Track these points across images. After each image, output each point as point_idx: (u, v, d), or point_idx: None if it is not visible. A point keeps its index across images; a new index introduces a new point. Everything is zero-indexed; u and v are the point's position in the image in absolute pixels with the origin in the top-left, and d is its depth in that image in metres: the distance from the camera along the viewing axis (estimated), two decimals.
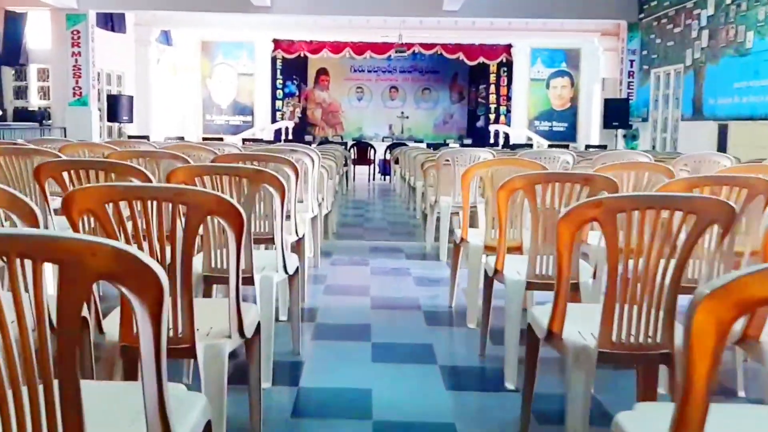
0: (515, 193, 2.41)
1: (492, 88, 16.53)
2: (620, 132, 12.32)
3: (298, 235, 3.28)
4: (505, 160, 3.29)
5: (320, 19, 13.54)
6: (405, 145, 11.85)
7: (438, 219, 5.06)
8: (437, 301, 3.70)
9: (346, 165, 10.53)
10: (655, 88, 11.55)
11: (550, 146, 11.80)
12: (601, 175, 2.16)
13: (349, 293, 3.97)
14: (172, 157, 3.57)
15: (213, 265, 2.48)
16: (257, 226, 3.07)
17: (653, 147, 11.66)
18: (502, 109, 16.40)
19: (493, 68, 16.37)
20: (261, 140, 11.65)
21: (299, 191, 4.31)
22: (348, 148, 11.75)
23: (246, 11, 12.18)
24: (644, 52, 11.90)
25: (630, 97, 12.16)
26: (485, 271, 2.74)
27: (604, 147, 11.69)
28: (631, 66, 12.13)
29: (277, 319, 2.81)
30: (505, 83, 16.31)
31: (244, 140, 11.59)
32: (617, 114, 11.99)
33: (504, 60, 15.77)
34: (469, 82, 17.91)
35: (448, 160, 4.89)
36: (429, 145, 11.25)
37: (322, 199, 5.13)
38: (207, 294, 2.60)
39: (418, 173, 7.96)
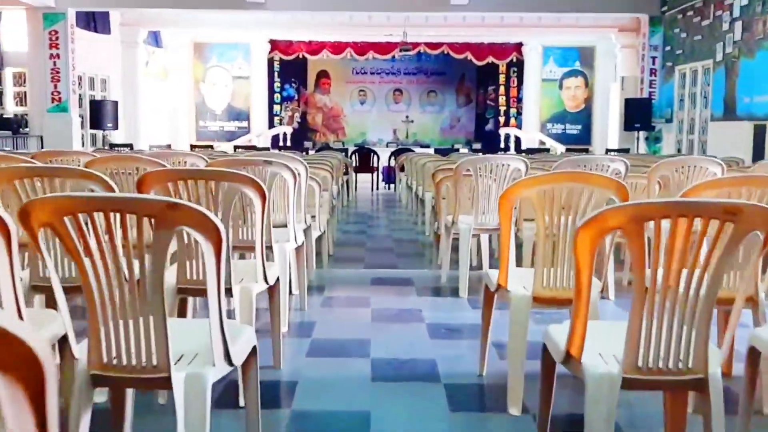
0: (607, 235, 1.55)
1: (501, 89, 15.68)
2: (642, 134, 11.45)
3: (268, 282, 2.43)
4: (563, 176, 2.41)
5: (319, 16, 12.74)
6: (410, 150, 11.02)
7: (456, 242, 4.19)
8: (461, 366, 2.73)
9: (346, 173, 9.69)
10: (680, 86, 10.69)
11: (568, 150, 10.93)
12: (752, 205, 1.30)
13: (340, 353, 2.93)
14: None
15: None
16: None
17: (678, 150, 10.79)
18: (513, 111, 15.54)
19: (502, 68, 15.53)
20: (255, 147, 10.83)
21: (277, 212, 3.47)
22: (349, 154, 10.92)
23: (239, 8, 11.38)
24: (667, 48, 11.04)
25: (652, 97, 11.30)
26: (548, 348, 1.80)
27: (625, 150, 10.82)
28: (653, 63, 11.27)
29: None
30: (515, 84, 15.46)
31: (236, 147, 10.78)
32: (639, 115, 11.13)
33: (514, 60, 14.94)
34: (476, 84, 17.07)
35: (468, 171, 4.03)
36: (437, 151, 10.42)
37: (313, 218, 4.29)
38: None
39: (426, 182, 7.13)
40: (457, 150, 10.64)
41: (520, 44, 14.65)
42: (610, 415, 1.50)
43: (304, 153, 9.56)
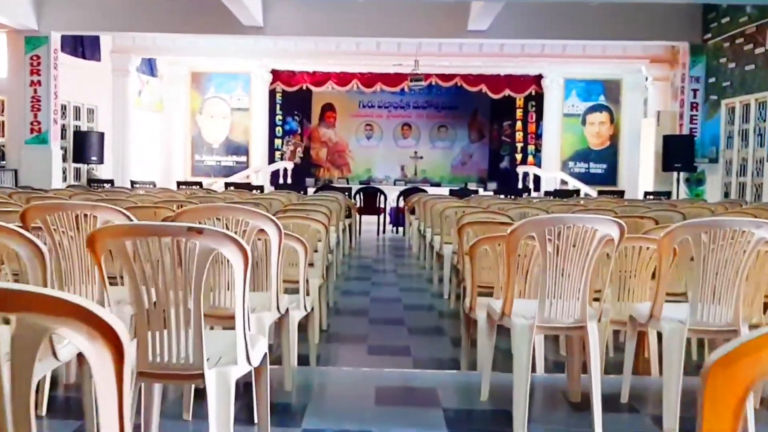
0: None
1: (518, 124, 14.38)
2: (682, 175, 10.04)
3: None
4: None
5: (323, 44, 11.55)
6: (421, 190, 9.65)
7: (500, 334, 2.72)
8: None
9: (349, 216, 8.29)
10: (727, 122, 9.32)
11: (600, 193, 9.51)
12: None
13: None
14: None
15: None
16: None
17: (725, 194, 9.36)
18: (531, 148, 14.21)
19: (519, 102, 14.26)
20: (248, 185, 9.51)
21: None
22: (353, 194, 9.54)
23: (236, 32, 10.20)
24: (711, 80, 9.72)
25: (694, 134, 9.93)
26: None
27: (666, 194, 9.40)
28: (695, 96, 9.94)
29: None
30: (534, 119, 14.16)
31: (227, 185, 9.45)
32: (679, 154, 9.73)
33: (533, 93, 13.68)
34: (490, 119, 15.80)
35: (532, 236, 2.61)
36: (452, 192, 9.01)
37: (294, 293, 2.91)
38: None
39: (445, 231, 5.73)
40: (475, 191, 9.24)
41: (540, 76, 13.41)
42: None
43: (301, 193, 8.20)
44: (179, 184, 9.75)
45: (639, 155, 12.21)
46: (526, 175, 13.53)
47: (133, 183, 9.83)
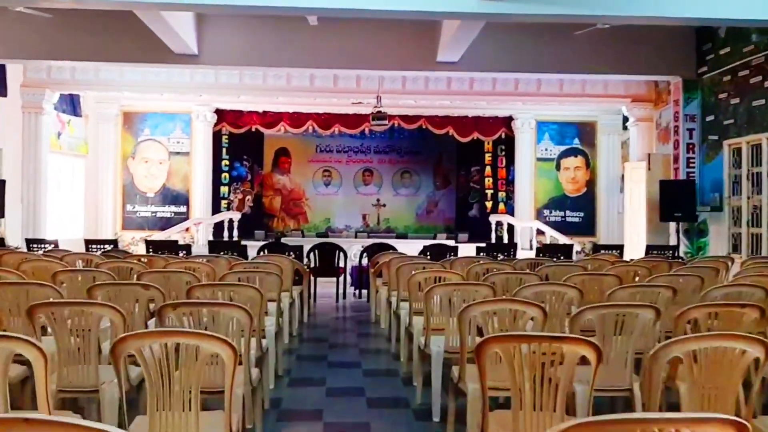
0: None
1: (487, 170, 12.89)
2: (681, 226, 8.60)
3: None
4: None
5: (271, 78, 9.84)
6: (387, 246, 7.84)
7: None
8: None
9: (299, 282, 6.38)
10: (732, 164, 7.97)
11: (596, 248, 7.90)
12: None
13: None
14: None
15: None
16: None
17: (734, 247, 7.92)
18: (501, 195, 12.70)
19: (487, 146, 12.81)
20: (174, 243, 7.49)
21: None
22: (306, 252, 7.65)
23: (167, 62, 8.40)
24: (709, 118, 8.43)
25: (691, 178, 8.56)
26: None
27: (671, 249, 7.88)
28: (690, 137, 8.61)
29: None
30: (504, 164, 12.71)
31: (147, 243, 7.42)
32: (678, 201, 8.31)
33: (503, 136, 12.27)
34: (457, 164, 14.28)
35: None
36: (426, 250, 7.21)
37: None
38: None
39: (426, 307, 3.96)
40: (453, 249, 7.46)
41: (510, 118, 12.03)
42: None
43: (234, 256, 6.26)
44: (88, 243, 7.65)
45: (621, 203, 10.83)
46: (499, 224, 11.95)
47: (29, 242, 7.68)
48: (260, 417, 3.22)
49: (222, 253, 6.79)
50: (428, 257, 6.13)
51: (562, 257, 6.58)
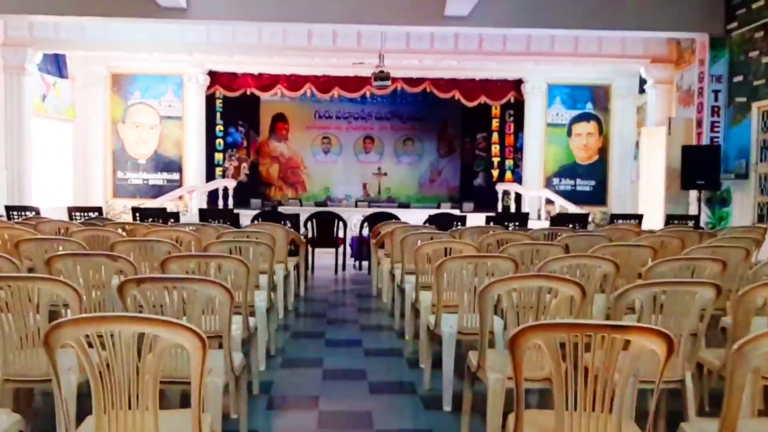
0: None
1: (494, 136, 12.29)
2: (703, 195, 8.07)
3: None
4: None
5: (267, 35, 9.19)
6: (390, 215, 7.34)
7: None
8: None
9: (295, 253, 5.91)
10: (761, 128, 7.41)
11: (614, 218, 7.39)
12: None
13: None
14: None
15: None
16: None
17: (759, 217, 7.43)
18: (508, 163, 12.13)
19: (495, 112, 12.19)
20: (163, 211, 6.99)
21: None
22: (303, 221, 7.16)
23: (154, 16, 7.76)
24: (737, 79, 7.83)
25: (715, 143, 8.00)
26: None
27: (694, 219, 7.37)
28: (716, 99, 8.02)
29: None
30: (512, 130, 12.11)
31: (134, 210, 6.92)
32: (700, 168, 7.77)
33: (511, 100, 11.64)
34: (462, 131, 13.69)
35: None
36: (432, 220, 6.71)
37: None
38: None
39: (430, 280, 3.50)
40: (461, 219, 6.95)
41: (520, 81, 11.39)
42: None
43: (225, 225, 5.79)
44: (71, 210, 7.15)
45: (635, 171, 10.29)
46: (506, 193, 11.42)
47: (9, 209, 7.18)
48: (246, 405, 2.78)
49: (213, 221, 6.31)
50: (434, 228, 5.63)
51: (577, 227, 6.08)
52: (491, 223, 6.21)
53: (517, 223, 6.40)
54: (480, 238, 4.42)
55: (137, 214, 6.74)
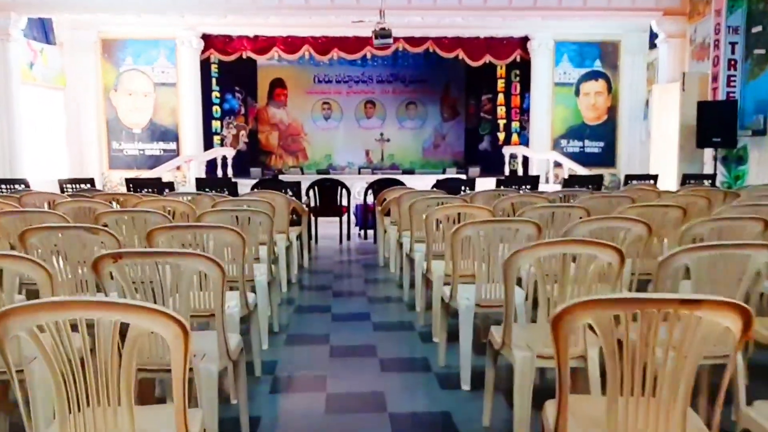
0: None
1: (500, 98, 11.84)
2: (717, 153, 7.70)
3: None
4: None
5: None
6: (395, 182, 7.02)
7: None
8: None
9: (297, 223, 5.63)
10: None
11: (629, 179, 7.05)
12: None
13: None
14: None
15: None
16: None
17: None
18: (515, 125, 11.72)
19: (500, 72, 11.71)
20: (158, 181, 6.68)
21: None
22: (305, 190, 6.84)
23: None
24: (756, 29, 7.37)
25: (732, 98, 7.60)
26: None
27: (710, 178, 7.04)
28: (733, 52, 7.58)
29: None
30: (518, 91, 11.66)
31: (128, 181, 6.61)
32: (716, 125, 7.39)
33: (517, 59, 11.15)
34: (466, 93, 13.24)
35: None
36: (440, 185, 6.39)
37: None
38: None
39: (442, 248, 3.20)
40: (469, 183, 6.63)
41: (526, 39, 10.88)
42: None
43: (222, 194, 5.49)
44: (62, 183, 6.84)
45: (645, 131, 9.90)
46: (513, 157, 11.06)
47: None
48: (245, 391, 2.52)
49: (210, 191, 6.00)
50: (443, 192, 5.31)
51: (591, 189, 5.75)
52: (501, 187, 5.88)
53: (528, 186, 6.07)
54: (494, 203, 4.11)
55: (131, 185, 6.42)
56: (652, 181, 6.62)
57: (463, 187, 6.21)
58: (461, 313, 2.95)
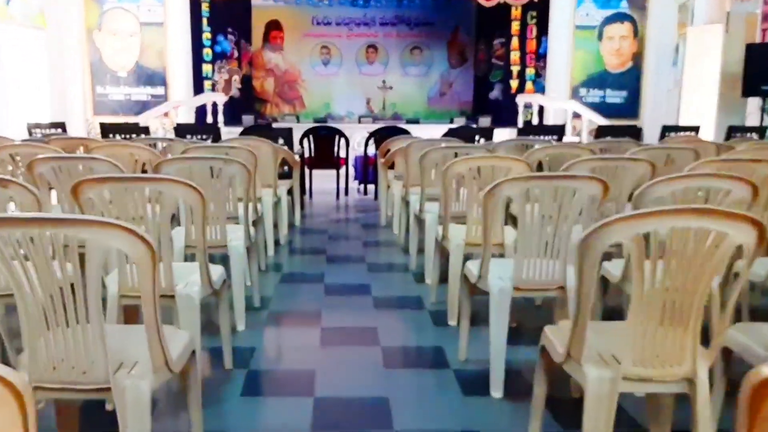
0: None
1: (514, 42, 10.77)
2: (765, 103, 6.79)
3: None
4: None
5: None
6: (400, 130, 6.15)
7: None
8: None
9: (288, 175, 4.83)
10: None
11: (666, 131, 6.17)
12: None
13: None
14: None
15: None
16: None
17: None
18: (529, 72, 10.70)
19: (515, 13, 10.61)
20: (135, 126, 5.82)
21: None
22: (299, 139, 5.98)
23: None
24: None
25: None
26: None
27: (758, 130, 6.15)
28: None
29: None
30: (534, 35, 10.58)
31: (102, 126, 5.75)
32: (766, 70, 6.46)
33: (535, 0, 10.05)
34: (476, 37, 12.13)
35: None
36: (452, 134, 5.52)
37: None
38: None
39: (461, 209, 2.38)
40: (488, 131, 5.75)
41: None
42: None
43: (197, 140, 4.67)
44: (31, 128, 6.00)
45: (673, 79, 8.92)
46: (527, 106, 10.10)
47: None
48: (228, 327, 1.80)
49: (191, 137, 5.18)
50: (460, 141, 4.47)
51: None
52: (522, 137, 5.03)
53: (554, 137, 5.21)
54: (526, 153, 3.28)
55: (104, 130, 5.58)
56: (693, 133, 5.75)
57: (477, 138, 5.36)
58: (493, 296, 2.18)
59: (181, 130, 5.67)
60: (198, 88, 10.45)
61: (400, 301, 3.29)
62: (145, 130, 5.47)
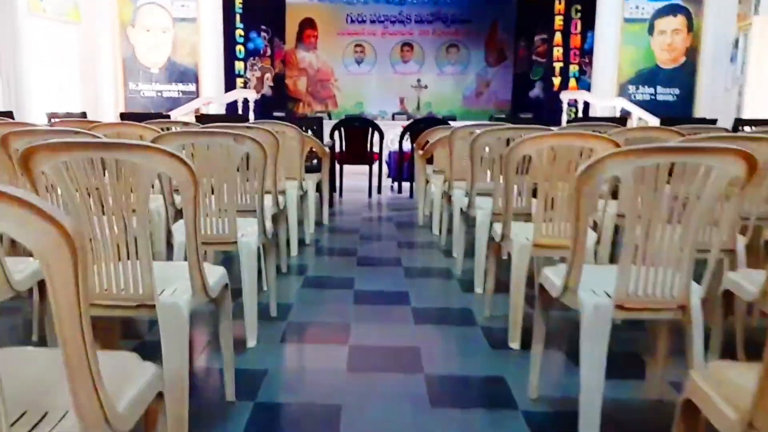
0: None
1: (557, 37, 10.04)
2: None
3: None
4: None
5: None
6: (438, 121, 5.54)
7: None
8: None
9: (315, 168, 4.27)
10: None
11: (739, 124, 5.39)
12: None
13: None
14: None
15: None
16: None
17: None
18: (573, 69, 9.95)
19: (558, 7, 9.88)
20: (154, 115, 5.38)
21: None
22: (330, 132, 5.44)
23: None
24: None
25: None
26: None
27: None
28: None
29: None
30: (579, 30, 9.84)
31: (122, 115, 5.30)
32: None
33: None
34: (515, 34, 11.44)
35: None
36: (496, 120, 4.88)
37: None
38: None
39: (523, 203, 1.65)
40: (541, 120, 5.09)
41: None
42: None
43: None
44: (50, 117, 5.63)
45: (730, 77, 8.06)
46: (571, 104, 9.36)
47: None
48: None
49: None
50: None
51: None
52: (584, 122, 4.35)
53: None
54: (611, 132, 2.63)
55: (125, 119, 5.13)
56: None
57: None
58: (586, 316, 1.55)
59: (201, 120, 5.18)
60: (230, 86, 10.06)
61: (445, 315, 2.68)
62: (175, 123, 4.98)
